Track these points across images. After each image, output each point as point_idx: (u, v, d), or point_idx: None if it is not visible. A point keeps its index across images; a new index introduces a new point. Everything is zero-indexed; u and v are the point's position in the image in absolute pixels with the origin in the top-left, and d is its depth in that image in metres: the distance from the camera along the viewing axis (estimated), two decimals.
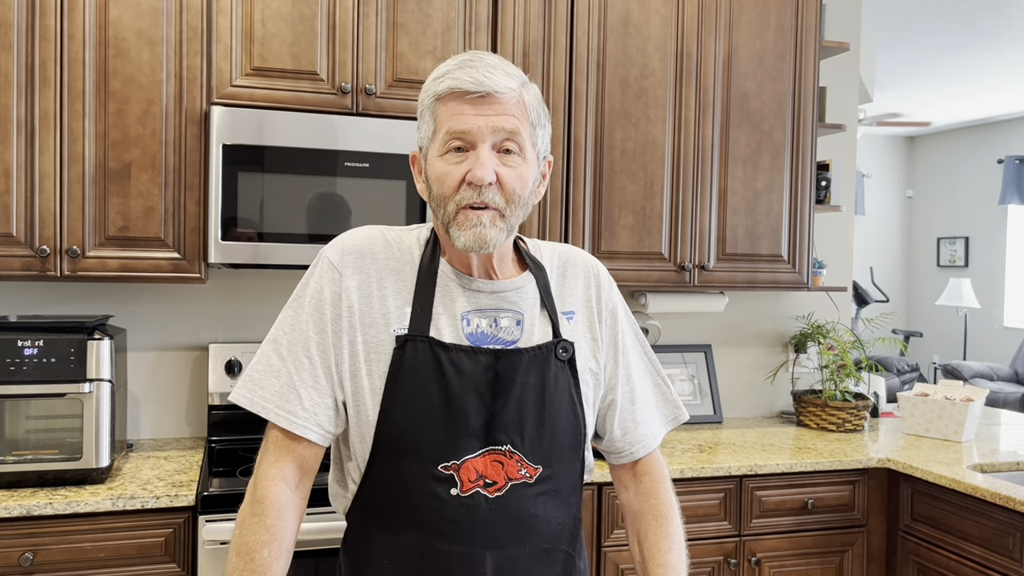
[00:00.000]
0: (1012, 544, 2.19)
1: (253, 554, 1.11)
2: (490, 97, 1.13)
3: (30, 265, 2.16)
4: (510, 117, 1.14)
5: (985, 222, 8.75)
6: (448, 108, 1.15)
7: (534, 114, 1.18)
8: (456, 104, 1.14)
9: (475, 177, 1.12)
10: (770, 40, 2.82)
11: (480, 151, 1.13)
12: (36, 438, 2.05)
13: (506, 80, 1.15)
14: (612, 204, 2.66)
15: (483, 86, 1.13)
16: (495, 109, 1.14)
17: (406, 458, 1.17)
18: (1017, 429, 3.07)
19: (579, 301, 1.31)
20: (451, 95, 1.15)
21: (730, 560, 2.45)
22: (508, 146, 1.15)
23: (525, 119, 1.16)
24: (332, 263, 1.22)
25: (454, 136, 1.14)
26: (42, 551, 1.93)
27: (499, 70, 1.15)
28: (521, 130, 1.15)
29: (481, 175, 1.12)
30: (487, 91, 1.13)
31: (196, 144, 2.27)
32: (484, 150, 1.13)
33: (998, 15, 5.13)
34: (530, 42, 2.56)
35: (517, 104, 1.16)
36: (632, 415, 1.33)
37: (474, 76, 1.13)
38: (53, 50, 2.16)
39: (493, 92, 1.13)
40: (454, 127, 1.14)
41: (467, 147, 1.14)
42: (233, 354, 2.56)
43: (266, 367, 1.19)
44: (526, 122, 1.16)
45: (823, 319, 3.31)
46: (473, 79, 1.13)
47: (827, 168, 3.10)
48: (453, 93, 1.14)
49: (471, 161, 1.13)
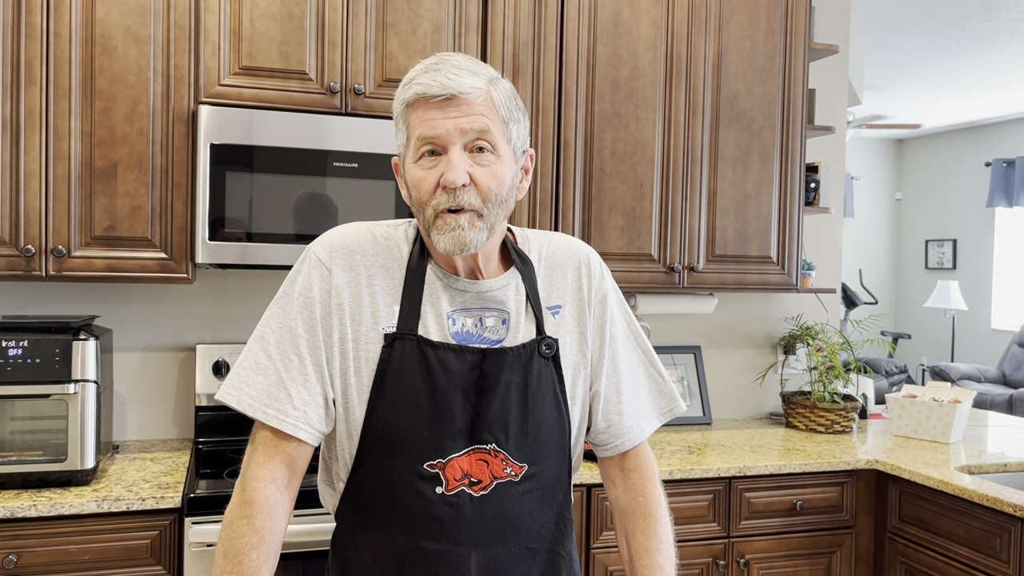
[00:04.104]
0: (999, 545, 2.20)
1: (241, 556, 1.10)
2: (456, 99, 1.13)
3: (15, 265, 2.15)
4: (478, 116, 1.14)
5: (973, 225, 8.81)
6: (417, 115, 1.15)
7: (504, 110, 1.18)
8: (424, 110, 1.14)
9: (447, 180, 1.12)
10: (760, 42, 2.83)
11: (451, 154, 1.13)
12: (20, 439, 2.04)
13: (471, 80, 1.14)
14: (602, 205, 2.66)
15: (447, 88, 1.13)
16: (462, 111, 1.13)
17: (392, 456, 1.17)
18: (1004, 431, 3.09)
19: (568, 293, 1.29)
20: (419, 101, 1.15)
21: (719, 561, 2.45)
22: (480, 145, 1.15)
23: (495, 116, 1.16)
24: (320, 260, 1.21)
25: (425, 141, 1.14)
26: (26, 553, 1.91)
27: (464, 70, 1.15)
28: (491, 128, 1.15)
29: (453, 178, 1.12)
30: (452, 93, 1.13)
31: (183, 143, 2.26)
32: (455, 152, 1.13)
33: (986, 19, 5.16)
34: (520, 43, 2.56)
35: (485, 103, 1.15)
36: (618, 407, 1.31)
37: (438, 79, 1.13)
38: (39, 48, 2.14)
39: (458, 93, 1.13)
40: (424, 133, 1.14)
41: (439, 151, 1.15)
42: (220, 355, 2.55)
43: (253, 365, 1.18)
44: (496, 119, 1.16)
45: (812, 321, 3.32)
46: (437, 82, 1.13)
47: (816, 170, 3.11)
48: (420, 99, 1.15)
49: (443, 165, 1.14)
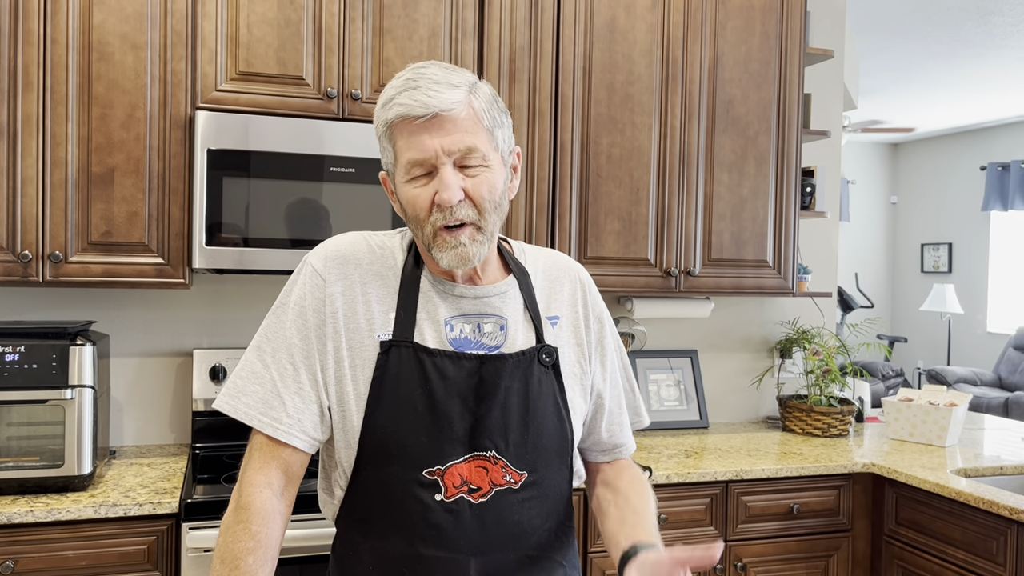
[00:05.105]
0: (995, 548, 2.20)
1: (238, 561, 1.10)
2: (439, 118, 1.12)
3: (12, 270, 2.15)
4: (464, 134, 1.13)
5: (968, 228, 8.83)
6: (403, 137, 1.14)
7: (487, 119, 1.17)
8: (409, 132, 1.13)
9: (442, 200, 1.12)
10: (755, 47, 2.84)
11: (443, 173, 1.13)
12: (17, 445, 2.03)
13: (451, 94, 1.13)
14: (598, 210, 2.67)
15: (429, 108, 1.11)
16: (447, 129, 1.12)
17: (391, 464, 1.17)
18: (1000, 434, 3.10)
19: (564, 306, 1.31)
20: (402, 122, 1.14)
21: (716, 565, 2.45)
22: (469, 160, 1.14)
23: (480, 129, 1.15)
24: (316, 270, 1.22)
25: (415, 165, 1.14)
26: (23, 559, 1.91)
27: (443, 84, 1.13)
28: (478, 143, 1.14)
29: (448, 197, 1.12)
30: (434, 112, 1.12)
31: (180, 149, 2.26)
32: (446, 171, 1.13)
33: (981, 23, 5.18)
34: (516, 48, 2.56)
35: (468, 117, 1.14)
36: (619, 418, 1.38)
37: (418, 99, 1.12)
38: (36, 54, 2.14)
39: (441, 112, 1.12)
40: (413, 157, 1.14)
41: (431, 170, 1.14)
42: (217, 360, 2.54)
43: (250, 374, 1.19)
44: (481, 131, 1.15)
45: (808, 324, 3.33)
46: (419, 102, 1.12)
47: (812, 174, 3.11)
48: (403, 120, 1.14)
49: (436, 183, 1.13)
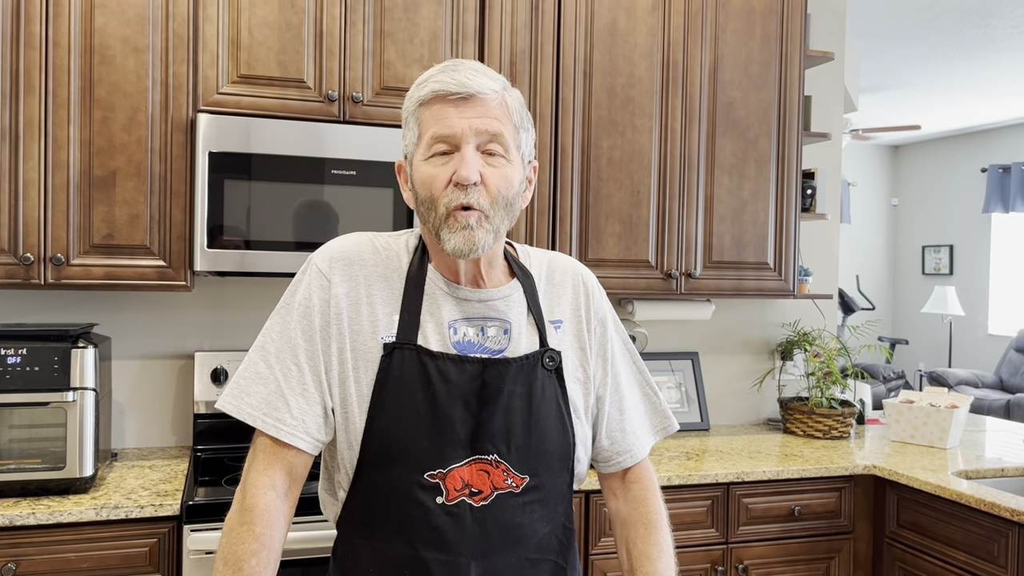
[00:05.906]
0: (997, 550, 2.20)
1: (241, 563, 1.10)
2: (473, 99, 1.15)
3: (13, 273, 2.15)
4: (493, 120, 1.15)
5: (969, 230, 8.83)
6: (432, 112, 1.16)
7: (517, 116, 1.19)
8: (440, 107, 1.15)
9: (460, 176, 1.13)
10: (755, 49, 2.84)
11: (465, 152, 1.14)
12: (19, 447, 2.04)
13: (489, 82, 1.16)
14: (599, 212, 2.67)
15: (466, 87, 1.14)
16: (478, 111, 1.15)
17: (392, 466, 1.17)
18: (1001, 436, 3.10)
19: (567, 310, 1.31)
20: (435, 98, 1.16)
21: (717, 567, 2.45)
22: (492, 148, 1.16)
23: (508, 121, 1.18)
24: (320, 270, 1.22)
25: (439, 139, 1.15)
26: (25, 561, 1.91)
27: (481, 73, 1.17)
28: (504, 132, 1.16)
29: (466, 174, 1.13)
30: (470, 92, 1.14)
31: (182, 152, 2.27)
32: (468, 151, 1.14)
33: (981, 25, 5.18)
34: (517, 51, 2.57)
35: (500, 106, 1.17)
36: (620, 425, 1.33)
37: (457, 78, 1.15)
38: (38, 57, 2.15)
39: (476, 93, 1.14)
40: (438, 131, 1.15)
41: (452, 149, 1.15)
42: (219, 362, 2.55)
43: (253, 374, 1.19)
44: (509, 124, 1.18)
45: (809, 326, 3.33)
46: (456, 81, 1.14)
47: (812, 176, 3.12)
48: (437, 96, 1.15)
49: (456, 162, 1.14)
